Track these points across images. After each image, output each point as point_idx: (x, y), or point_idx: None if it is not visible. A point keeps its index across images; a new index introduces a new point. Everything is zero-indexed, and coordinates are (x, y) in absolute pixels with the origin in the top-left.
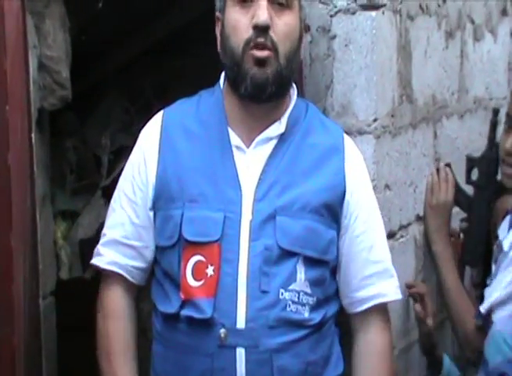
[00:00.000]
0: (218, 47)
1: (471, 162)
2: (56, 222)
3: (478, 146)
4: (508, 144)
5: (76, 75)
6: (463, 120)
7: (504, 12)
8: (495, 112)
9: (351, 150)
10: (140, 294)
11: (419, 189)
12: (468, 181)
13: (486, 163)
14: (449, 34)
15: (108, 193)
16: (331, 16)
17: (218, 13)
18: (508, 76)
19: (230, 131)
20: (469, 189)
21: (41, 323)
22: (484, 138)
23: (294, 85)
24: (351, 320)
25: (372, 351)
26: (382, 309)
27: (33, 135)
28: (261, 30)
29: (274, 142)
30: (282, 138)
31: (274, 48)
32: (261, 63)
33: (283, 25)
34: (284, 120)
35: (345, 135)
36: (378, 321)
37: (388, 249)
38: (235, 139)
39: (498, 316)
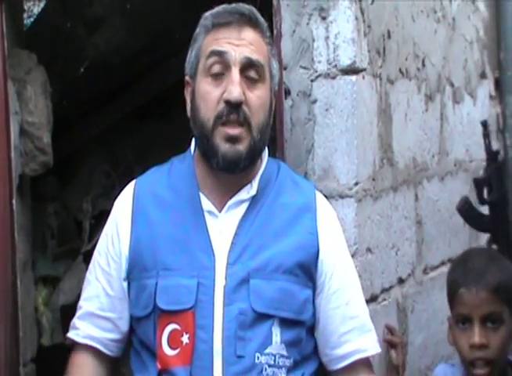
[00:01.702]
0: (188, 112)
1: (479, 183)
2: (37, 288)
3: None
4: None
5: (57, 140)
6: (444, 182)
7: (483, 75)
8: (484, 124)
9: (324, 208)
10: (122, 359)
11: (401, 252)
12: (482, 201)
13: (494, 178)
14: (429, 97)
15: (89, 258)
16: (312, 81)
17: (187, 78)
18: None
19: (202, 196)
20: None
21: None
22: None
23: (266, 147)
24: None
25: None
26: (362, 364)
27: (14, 201)
28: (234, 106)
29: (246, 204)
30: (254, 200)
31: (247, 123)
32: (233, 140)
33: (256, 98)
34: (256, 182)
35: (317, 193)
36: None
37: (365, 303)
38: (207, 204)
39: None
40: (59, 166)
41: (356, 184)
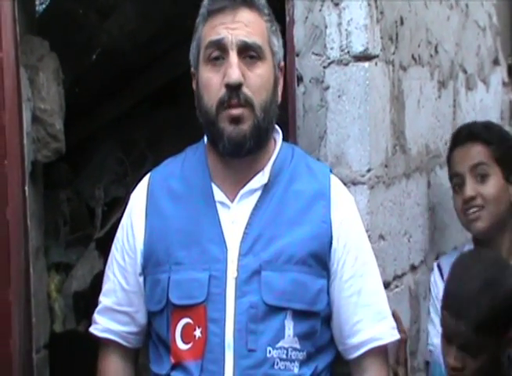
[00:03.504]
0: (195, 103)
1: None
2: (50, 275)
3: None
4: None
5: (69, 127)
6: None
7: (496, 62)
8: None
9: (338, 193)
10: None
11: (413, 239)
12: None
13: None
14: (442, 84)
15: (102, 245)
16: (324, 68)
17: (192, 70)
18: (501, 124)
19: (214, 187)
20: None
21: None
22: None
23: (280, 131)
24: (349, 368)
25: None
26: (378, 353)
27: (26, 188)
28: (234, 88)
29: (258, 193)
30: (266, 188)
31: (249, 104)
32: (236, 120)
33: (256, 77)
34: (267, 170)
35: (332, 178)
36: (374, 365)
37: (381, 290)
38: (219, 194)
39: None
40: (72, 153)
41: (369, 171)
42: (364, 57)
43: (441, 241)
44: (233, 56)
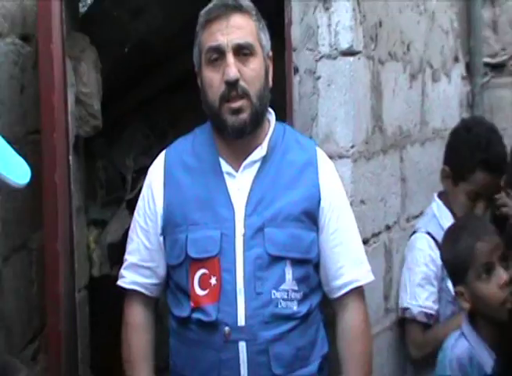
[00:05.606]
0: (201, 97)
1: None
2: (89, 229)
3: (437, 168)
4: None
5: (105, 108)
6: (424, 147)
7: (456, 59)
8: None
9: (323, 162)
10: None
11: (388, 204)
12: None
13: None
14: (413, 77)
15: (131, 205)
16: (316, 61)
17: (196, 69)
18: (459, 111)
19: (221, 160)
20: None
21: (76, 314)
22: (441, 162)
23: (273, 112)
24: (332, 305)
25: (350, 327)
26: (357, 292)
27: (70, 157)
28: (232, 84)
29: (258, 164)
30: (264, 159)
31: (246, 95)
32: (236, 111)
33: (250, 71)
34: (265, 144)
35: (318, 149)
36: (354, 302)
37: (360, 243)
38: (225, 166)
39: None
40: (107, 129)
41: (352, 147)
42: (349, 53)
43: (411, 206)
44: (230, 57)
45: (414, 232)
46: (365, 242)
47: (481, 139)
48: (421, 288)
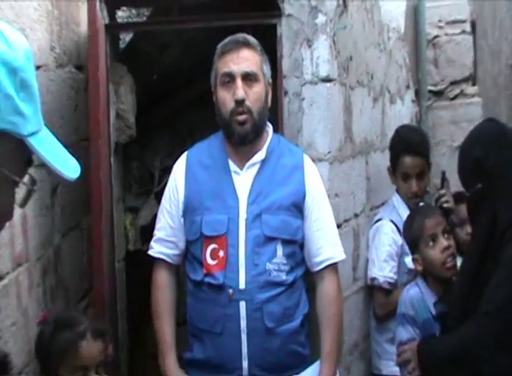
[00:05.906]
0: (216, 111)
1: (443, 174)
2: (125, 215)
3: None
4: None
5: (138, 120)
6: (384, 153)
7: (408, 87)
8: (443, 172)
9: (309, 166)
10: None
11: (356, 197)
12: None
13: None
14: (375, 99)
15: (158, 196)
16: (301, 86)
17: (212, 89)
18: None
19: (230, 161)
20: None
21: (116, 278)
22: None
23: (271, 126)
24: (312, 276)
25: (326, 294)
26: (332, 267)
27: (112, 159)
28: (240, 102)
29: (258, 165)
30: (263, 162)
31: (249, 111)
32: (242, 123)
33: (254, 94)
34: (264, 150)
35: (305, 156)
36: (329, 275)
37: (335, 229)
38: (233, 166)
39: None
40: (140, 137)
41: (329, 153)
42: (327, 80)
43: (374, 199)
44: (239, 81)
45: (379, 219)
46: (338, 226)
47: (402, 134)
48: (386, 263)
